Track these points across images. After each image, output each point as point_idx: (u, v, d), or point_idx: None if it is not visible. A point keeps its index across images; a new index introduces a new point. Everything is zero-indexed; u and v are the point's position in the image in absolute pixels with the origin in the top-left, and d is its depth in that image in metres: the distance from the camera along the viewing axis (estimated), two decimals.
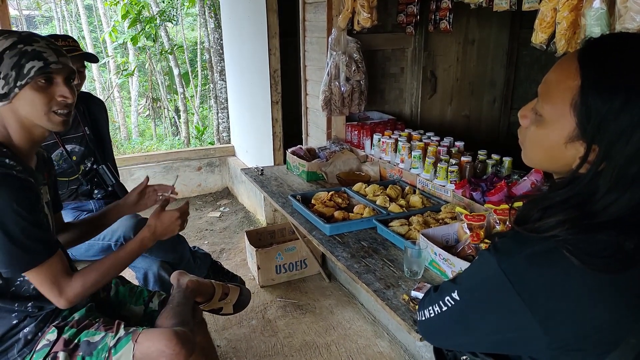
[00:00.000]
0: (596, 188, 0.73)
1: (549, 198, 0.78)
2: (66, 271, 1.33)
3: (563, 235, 0.73)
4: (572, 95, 0.74)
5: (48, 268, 1.29)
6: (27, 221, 1.23)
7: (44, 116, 1.29)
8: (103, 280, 1.41)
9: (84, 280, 1.35)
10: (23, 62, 1.23)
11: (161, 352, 1.36)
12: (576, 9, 1.37)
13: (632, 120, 0.70)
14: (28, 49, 1.24)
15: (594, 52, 0.76)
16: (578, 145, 0.76)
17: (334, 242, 1.81)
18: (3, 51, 1.23)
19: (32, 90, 1.26)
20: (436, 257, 1.54)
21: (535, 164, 0.87)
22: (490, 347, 0.86)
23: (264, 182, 2.54)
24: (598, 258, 0.70)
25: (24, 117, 1.29)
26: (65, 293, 1.32)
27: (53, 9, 10.91)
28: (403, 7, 2.89)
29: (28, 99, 1.26)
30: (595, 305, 0.72)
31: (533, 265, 0.74)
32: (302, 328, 2.64)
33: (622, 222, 0.72)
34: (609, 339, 0.72)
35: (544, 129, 0.80)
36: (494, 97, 3.69)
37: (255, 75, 3.97)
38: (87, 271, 1.38)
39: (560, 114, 0.76)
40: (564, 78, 0.77)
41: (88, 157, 2.30)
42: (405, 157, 2.30)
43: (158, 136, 9.93)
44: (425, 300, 0.93)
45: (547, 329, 0.73)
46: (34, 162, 1.41)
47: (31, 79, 1.24)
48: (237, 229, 4.01)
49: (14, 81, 1.23)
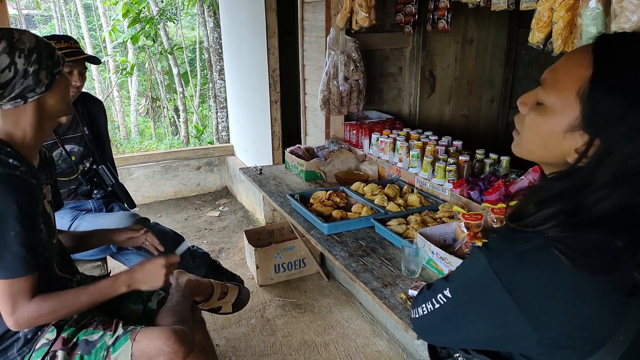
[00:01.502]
0: (592, 181, 0.73)
1: (546, 190, 0.78)
2: (29, 292, 1.26)
3: (552, 233, 0.73)
4: (580, 85, 0.73)
5: (14, 285, 1.24)
6: (22, 225, 1.22)
7: (68, 103, 1.38)
8: (62, 311, 1.32)
9: (40, 305, 1.28)
10: (52, 52, 1.31)
11: (159, 350, 1.36)
12: (572, 9, 1.37)
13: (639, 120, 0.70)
14: (45, 40, 1.32)
15: (609, 47, 0.75)
16: (577, 136, 0.75)
17: (332, 241, 1.81)
18: (37, 43, 1.27)
19: (63, 77, 1.35)
20: (434, 256, 1.55)
21: (527, 153, 0.85)
22: (481, 344, 0.87)
23: (262, 182, 2.55)
24: (587, 257, 0.71)
25: (51, 107, 1.33)
26: (16, 313, 1.25)
27: (52, 8, 10.91)
28: (401, 6, 2.90)
29: (61, 86, 1.34)
30: (584, 303, 0.73)
31: (522, 263, 0.75)
32: (301, 327, 2.65)
33: (611, 220, 0.72)
34: (597, 336, 0.73)
35: (545, 116, 0.79)
36: (492, 97, 3.69)
37: (254, 75, 3.98)
38: (47, 297, 1.30)
39: (565, 101, 0.76)
40: (575, 67, 0.76)
41: (87, 157, 2.30)
42: (403, 156, 2.31)
43: (157, 135, 9.94)
44: (418, 298, 0.94)
45: (536, 326, 0.74)
46: (37, 161, 1.42)
47: (63, 67, 1.34)
48: (236, 228, 4.01)
49: (52, 69, 1.30)
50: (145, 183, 4.53)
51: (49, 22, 11.77)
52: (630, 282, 0.72)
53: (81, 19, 10.19)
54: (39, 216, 1.31)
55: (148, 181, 4.54)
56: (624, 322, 0.72)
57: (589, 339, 0.73)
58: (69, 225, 2.16)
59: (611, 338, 0.72)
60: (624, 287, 0.72)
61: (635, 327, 0.73)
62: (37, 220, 1.30)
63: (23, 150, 1.33)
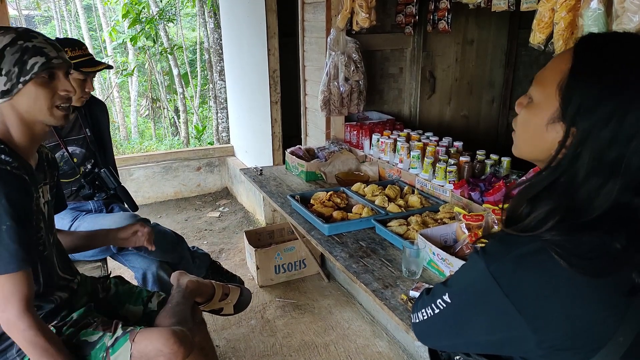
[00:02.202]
0: (576, 173, 0.74)
1: (534, 185, 0.80)
2: (21, 292, 1.22)
3: (550, 236, 0.74)
4: (560, 78, 0.77)
5: (3, 282, 1.20)
6: (13, 219, 1.20)
7: (47, 111, 1.30)
8: (40, 355, 1.25)
9: (30, 331, 1.22)
10: (26, 58, 1.24)
11: (159, 351, 1.36)
12: (574, 10, 1.37)
13: (613, 108, 0.71)
14: (29, 45, 1.26)
15: (590, 42, 0.78)
16: (558, 127, 0.77)
17: (332, 242, 1.81)
18: (3, 48, 1.24)
19: (36, 86, 1.27)
20: (434, 257, 1.55)
21: (520, 151, 0.88)
22: (481, 348, 0.87)
23: (263, 182, 2.54)
24: (585, 260, 0.71)
25: (25, 112, 1.29)
26: (6, 313, 1.22)
27: (52, 9, 10.91)
28: (402, 7, 2.89)
29: (31, 94, 1.27)
30: (584, 305, 0.73)
31: (520, 267, 0.75)
32: (301, 328, 2.64)
33: (609, 219, 0.73)
34: (597, 338, 0.73)
35: (531, 110, 0.83)
36: (492, 97, 3.69)
37: (254, 76, 3.97)
38: (45, 334, 1.26)
39: (547, 95, 0.79)
40: (559, 63, 0.80)
41: (88, 159, 2.29)
42: (404, 157, 2.30)
43: (157, 136, 9.94)
44: (418, 303, 0.95)
45: (536, 329, 0.74)
46: (35, 161, 1.41)
47: (35, 75, 1.25)
48: (236, 229, 4.01)
49: (17, 77, 1.24)
50: (146, 184, 4.53)
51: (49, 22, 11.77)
52: (629, 282, 0.72)
53: (81, 19, 10.18)
54: (32, 213, 1.30)
55: (148, 182, 4.54)
56: (623, 322, 0.72)
57: (589, 341, 0.73)
58: (69, 225, 2.15)
59: (611, 339, 0.72)
60: (623, 288, 0.72)
61: (635, 328, 0.73)
62: (30, 217, 1.28)
63: (18, 149, 1.32)
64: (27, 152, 1.36)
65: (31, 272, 1.27)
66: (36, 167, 1.40)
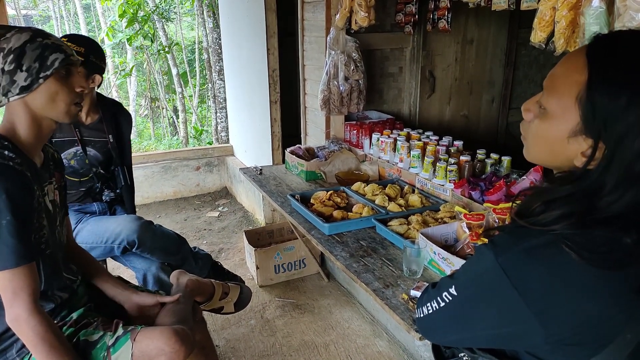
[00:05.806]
0: (603, 184, 0.73)
1: (554, 191, 0.78)
2: (34, 292, 1.23)
3: (561, 229, 0.73)
4: (578, 90, 0.74)
5: (10, 277, 1.21)
6: (12, 214, 1.20)
7: (65, 107, 1.33)
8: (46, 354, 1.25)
9: (41, 328, 1.23)
10: (47, 54, 1.27)
11: (160, 350, 1.35)
12: (575, 8, 1.37)
13: (639, 118, 0.70)
14: (48, 42, 1.28)
15: (602, 48, 0.76)
16: (581, 140, 0.76)
17: (332, 241, 1.81)
18: (24, 44, 1.25)
19: (55, 82, 1.30)
20: (435, 257, 1.54)
21: (536, 159, 0.87)
22: (488, 342, 0.86)
23: (262, 182, 2.54)
24: (596, 254, 0.70)
25: (38, 109, 1.31)
26: (15, 310, 1.22)
27: (51, 9, 10.89)
28: (401, 6, 2.89)
29: (50, 90, 1.29)
30: (592, 300, 0.72)
31: (530, 259, 0.74)
32: (301, 328, 2.64)
33: (623, 218, 0.72)
34: (604, 334, 0.73)
35: (548, 122, 0.80)
36: (492, 97, 3.69)
37: (253, 75, 3.97)
38: (54, 331, 1.26)
39: (565, 107, 0.77)
40: (571, 72, 0.77)
41: (102, 164, 2.26)
42: (404, 156, 2.30)
43: (156, 136, 9.92)
44: (423, 297, 0.93)
45: (544, 322, 0.73)
46: (40, 159, 1.40)
47: (55, 70, 1.28)
48: (236, 228, 4.00)
49: (37, 73, 1.26)
50: (145, 183, 4.51)
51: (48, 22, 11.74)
52: (639, 279, 0.71)
53: (80, 19, 10.17)
54: (33, 210, 1.29)
55: (147, 181, 4.53)
56: (632, 319, 0.72)
57: (598, 336, 0.73)
58: (72, 227, 2.14)
59: (619, 335, 0.72)
60: (633, 285, 0.72)
61: None
62: (31, 213, 1.28)
63: (22, 146, 1.32)
64: (32, 150, 1.36)
65: (35, 267, 1.27)
66: (41, 165, 1.40)
